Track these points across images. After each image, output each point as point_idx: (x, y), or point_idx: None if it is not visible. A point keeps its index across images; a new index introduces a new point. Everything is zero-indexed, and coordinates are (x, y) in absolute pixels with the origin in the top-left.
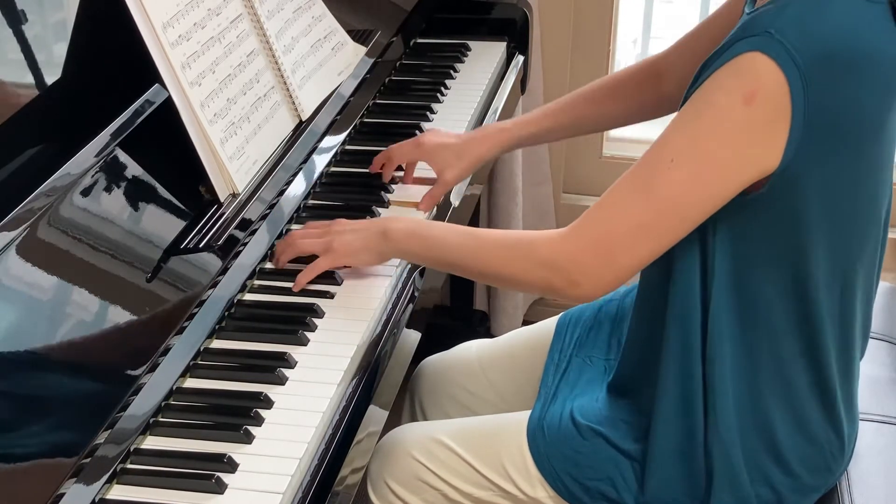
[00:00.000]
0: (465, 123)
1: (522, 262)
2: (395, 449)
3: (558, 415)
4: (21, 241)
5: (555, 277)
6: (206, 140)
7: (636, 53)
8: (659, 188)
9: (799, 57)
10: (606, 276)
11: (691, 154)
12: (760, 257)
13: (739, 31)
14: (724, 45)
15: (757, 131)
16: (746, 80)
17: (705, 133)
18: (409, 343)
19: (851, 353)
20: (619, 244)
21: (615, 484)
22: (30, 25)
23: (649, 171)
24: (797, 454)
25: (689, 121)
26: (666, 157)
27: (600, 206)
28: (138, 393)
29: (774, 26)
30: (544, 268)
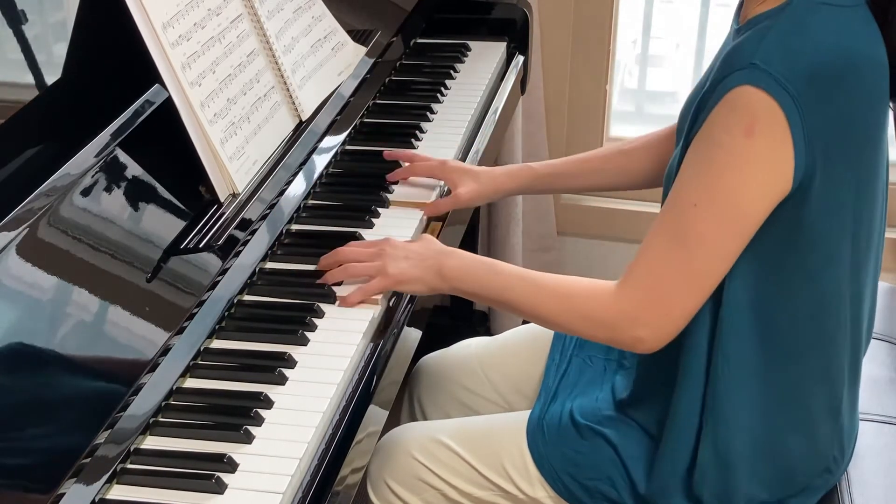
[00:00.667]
0: (465, 123)
1: (579, 319)
2: (395, 449)
3: (558, 415)
4: (21, 241)
5: (616, 336)
6: (206, 140)
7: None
8: (691, 234)
9: (787, 82)
10: (667, 326)
11: (711, 195)
12: (779, 278)
13: (725, 65)
14: (714, 81)
15: (764, 160)
16: (742, 115)
17: (717, 172)
18: (409, 342)
19: (858, 358)
20: (671, 295)
21: (615, 484)
22: (30, 25)
23: (676, 220)
24: (801, 462)
25: (699, 165)
26: (688, 203)
27: (641, 260)
28: (138, 393)
29: (758, 56)
30: (603, 327)
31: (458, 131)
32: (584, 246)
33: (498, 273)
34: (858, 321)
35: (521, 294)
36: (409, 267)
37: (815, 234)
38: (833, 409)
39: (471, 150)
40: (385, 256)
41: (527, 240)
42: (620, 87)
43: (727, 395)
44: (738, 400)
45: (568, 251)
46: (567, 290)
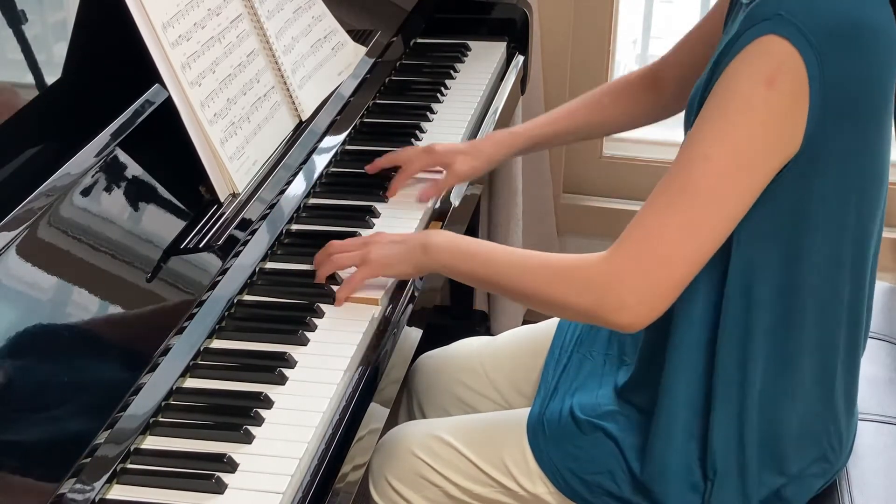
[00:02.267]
0: (465, 123)
1: (566, 285)
2: (396, 446)
3: (558, 410)
4: (21, 241)
5: (601, 300)
6: (206, 140)
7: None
8: (699, 187)
9: (811, 34)
10: (655, 295)
11: (725, 147)
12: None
13: (748, 19)
14: (735, 35)
15: (782, 113)
16: (765, 64)
17: (734, 123)
18: (409, 342)
19: (856, 347)
20: (666, 257)
21: (615, 476)
22: (30, 25)
23: (685, 174)
24: (795, 447)
25: (716, 115)
26: (699, 154)
27: (641, 220)
28: (138, 393)
29: (783, 8)
30: (589, 289)
31: (458, 131)
32: (584, 246)
33: (484, 245)
34: (859, 296)
35: (506, 267)
36: (392, 251)
37: (820, 198)
38: (826, 387)
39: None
40: (370, 244)
41: (527, 240)
42: None
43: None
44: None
45: (568, 251)
46: (554, 261)
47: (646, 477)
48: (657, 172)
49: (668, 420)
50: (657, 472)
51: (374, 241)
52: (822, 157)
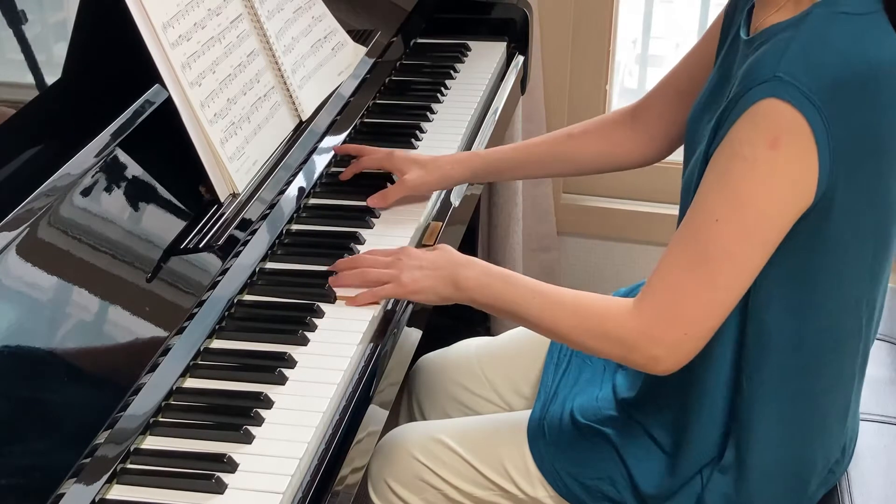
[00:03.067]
0: (465, 123)
1: (595, 337)
2: (395, 448)
3: (558, 414)
4: (21, 241)
5: (632, 355)
6: (206, 140)
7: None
8: (711, 248)
9: (813, 94)
10: (685, 346)
11: (733, 209)
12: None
13: (746, 78)
14: (735, 95)
15: (787, 173)
16: (767, 128)
17: (740, 186)
18: (409, 342)
19: (866, 361)
20: (690, 311)
21: (616, 483)
22: (30, 25)
23: (696, 234)
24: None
25: (721, 180)
26: (709, 218)
27: (660, 277)
28: (138, 393)
29: (781, 69)
30: (619, 346)
31: (458, 131)
32: (584, 246)
33: (513, 286)
34: (871, 325)
35: (535, 309)
36: (423, 276)
37: (838, 244)
38: (843, 414)
39: (471, 150)
40: (401, 265)
41: (527, 240)
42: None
43: (753, 407)
44: (762, 412)
45: (568, 251)
46: (583, 307)
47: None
48: (657, 173)
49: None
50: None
51: (405, 261)
52: (835, 206)
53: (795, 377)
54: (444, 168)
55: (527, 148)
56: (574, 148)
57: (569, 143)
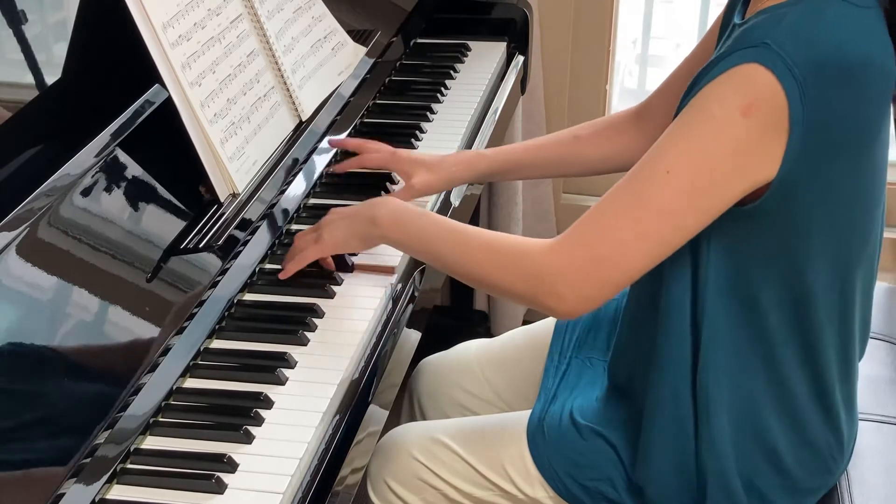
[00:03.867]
0: (465, 123)
1: (505, 271)
2: (395, 449)
3: (558, 415)
4: (21, 241)
5: (539, 289)
6: (206, 140)
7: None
8: (654, 200)
9: (796, 68)
10: (590, 288)
11: (687, 166)
12: (757, 266)
13: (735, 42)
14: (720, 55)
15: (753, 143)
16: (744, 92)
17: (701, 145)
18: (409, 343)
19: (851, 356)
20: (606, 257)
21: (615, 484)
22: (30, 25)
23: (643, 183)
24: (795, 458)
25: (684, 132)
26: (661, 168)
27: (592, 218)
28: (138, 393)
29: (771, 37)
30: (529, 279)
31: (458, 131)
32: None
33: (429, 222)
34: (847, 318)
35: (449, 244)
36: (340, 227)
37: (797, 223)
38: (825, 405)
39: (471, 149)
40: (323, 223)
41: None
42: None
43: (713, 380)
44: (722, 379)
45: None
46: (499, 243)
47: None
48: None
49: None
50: (652, 481)
51: (328, 218)
52: (806, 187)
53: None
54: (451, 169)
55: (533, 149)
56: (580, 150)
57: (575, 144)
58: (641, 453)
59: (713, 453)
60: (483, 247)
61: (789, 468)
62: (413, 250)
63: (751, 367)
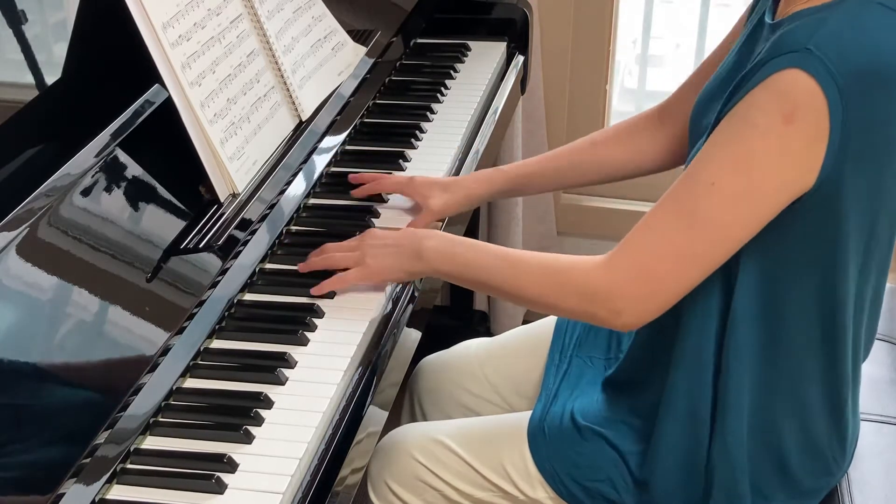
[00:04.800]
0: (465, 123)
1: (560, 291)
2: (395, 449)
3: (559, 416)
4: (21, 241)
5: (596, 308)
6: (206, 140)
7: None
8: (700, 212)
9: (838, 75)
10: (650, 305)
11: (732, 176)
12: (789, 277)
13: (774, 47)
14: (759, 61)
15: (797, 151)
16: (786, 99)
17: (746, 154)
18: (409, 343)
19: (859, 360)
20: (663, 272)
21: (616, 485)
22: (30, 25)
23: (689, 194)
24: (800, 461)
25: (727, 142)
26: (706, 179)
27: (640, 233)
28: (138, 393)
29: (813, 42)
30: (584, 298)
31: (458, 131)
32: (584, 246)
33: (476, 251)
34: (859, 324)
35: (500, 272)
36: (387, 255)
37: (827, 232)
38: (834, 409)
39: (471, 150)
40: (365, 247)
41: (527, 240)
42: (620, 87)
43: (734, 384)
44: (745, 388)
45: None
46: (549, 264)
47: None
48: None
49: (670, 430)
50: (657, 480)
51: (369, 242)
52: (842, 194)
53: (774, 358)
54: (469, 188)
55: (549, 160)
56: (599, 156)
57: (593, 150)
58: (651, 449)
59: (725, 455)
60: (535, 270)
61: (794, 471)
62: (462, 280)
63: (773, 375)
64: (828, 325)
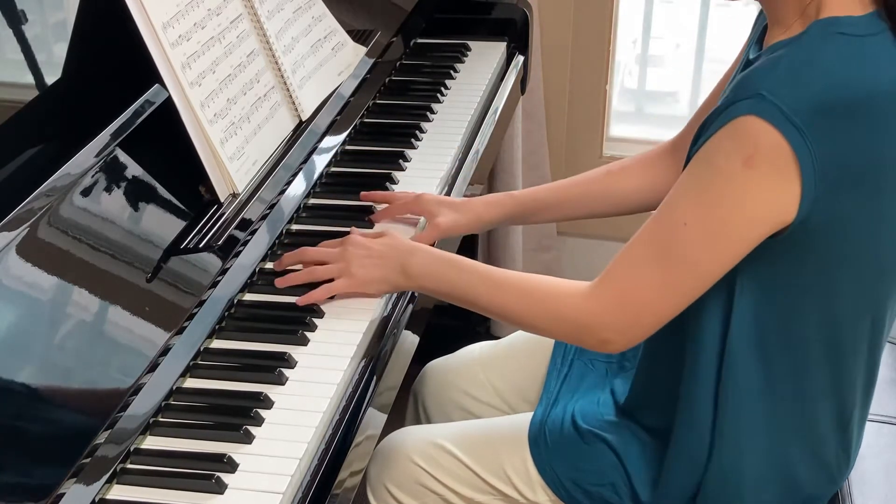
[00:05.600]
0: (465, 123)
1: (546, 317)
2: (394, 453)
3: (560, 419)
4: (21, 241)
5: (583, 336)
6: (206, 140)
7: (636, 53)
8: (675, 251)
9: (794, 115)
10: (636, 331)
11: (702, 217)
12: (788, 300)
13: (734, 91)
14: (722, 105)
15: (762, 191)
16: (744, 144)
17: (712, 197)
18: (408, 344)
19: (874, 381)
20: (643, 305)
21: (617, 489)
22: (30, 25)
23: (663, 235)
24: (806, 476)
25: (694, 184)
26: (678, 220)
27: (619, 267)
28: (138, 393)
29: (766, 87)
30: (571, 326)
31: (458, 131)
32: (584, 246)
33: (461, 271)
34: (876, 348)
35: (485, 294)
36: (373, 266)
37: (827, 258)
38: (842, 423)
39: (471, 150)
40: (349, 256)
41: (527, 240)
42: (620, 87)
43: (735, 414)
44: (745, 419)
45: (568, 251)
46: (533, 289)
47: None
48: None
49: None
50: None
51: (353, 251)
52: (834, 222)
53: (778, 385)
54: (478, 210)
55: (563, 188)
56: (613, 184)
57: (607, 179)
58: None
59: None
60: (520, 293)
61: (800, 484)
62: (448, 297)
63: (778, 401)
64: (833, 349)
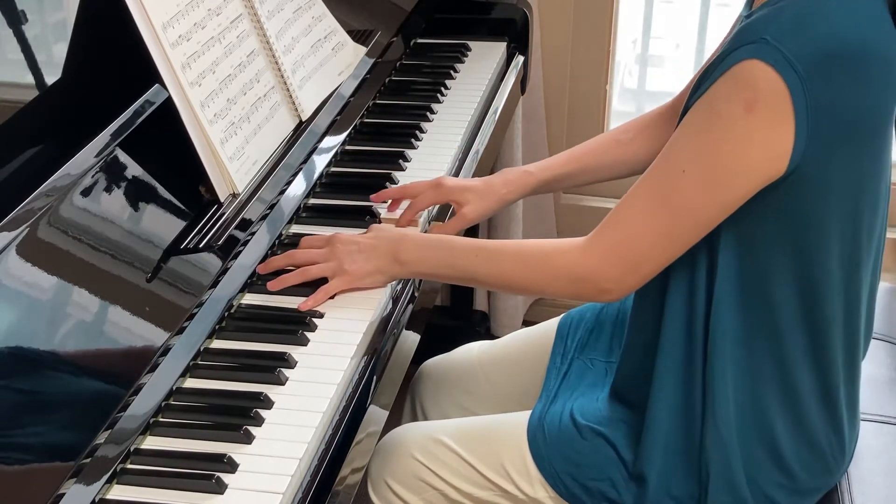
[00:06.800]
0: (465, 123)
1: (544, 276)
2: (395, 449)
3: (558, 415)
4: (21, 241)
5: (582, 288)
6: (206, 140)
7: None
8: (673, 197)
9: (796, 61)
10: (631, 280)
11: (701, 164)
12: (768, 259)
13: (736, 38)
14: (723, 53)
15: (761, 138)
16: (746, 89)
17: (712, 143)
18: (408, 343)
19: (856, 356)
20: (640, 253)
21: (615, 484)
22: (30, 25)
23: (662, 181)
24: (797, 457)
25: (695, 131)
26: (677, 167)
27: (617, 217)
28: (138, 393)
29: (770, 32)
30: (569, 280)
31: (458, 131)
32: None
33: (454, 248)
34: (853, 317)
35: (482, 265)
36: (367, 259)
37: (808, 216)
38: (829, 404)
39: (471, 150)
40: (339, 254)
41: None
42: (620, 87)
43: (719, 369)
44: (729, 373)
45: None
46: (529, 253)
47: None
48: None
49: (662, 420)
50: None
51: (342, 249)
52: (818, 177)
53: (757, 340)
54: (501, 193)
55: (576, 159)
56: (624, 153)
57: (618, 149)
58: (646, 446)
59: (718, 447)
60: (515, 258)
61: (791, 466)
62: (446, 278)
63: (758, 363)
64: (811, 312)
